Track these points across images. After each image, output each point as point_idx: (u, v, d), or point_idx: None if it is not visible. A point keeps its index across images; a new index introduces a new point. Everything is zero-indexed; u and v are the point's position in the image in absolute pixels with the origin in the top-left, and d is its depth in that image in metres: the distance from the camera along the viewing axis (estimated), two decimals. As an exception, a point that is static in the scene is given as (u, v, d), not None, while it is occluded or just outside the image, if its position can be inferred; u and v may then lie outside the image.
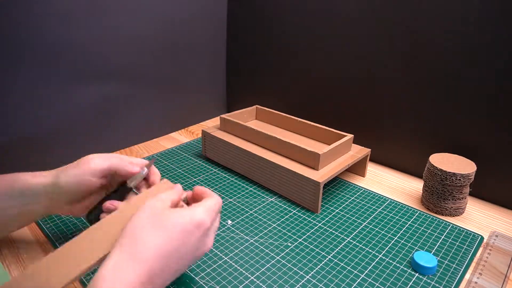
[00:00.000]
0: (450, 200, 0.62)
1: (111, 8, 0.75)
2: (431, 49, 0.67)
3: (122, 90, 0.82)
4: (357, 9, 0.74)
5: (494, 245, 0.56)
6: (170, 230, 0.36)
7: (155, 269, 0.34)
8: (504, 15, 0.58)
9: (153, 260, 0.34)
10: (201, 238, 0.39)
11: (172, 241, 0.36)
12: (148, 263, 0.34)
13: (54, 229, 0.58)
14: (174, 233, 0.36)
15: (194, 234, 0.38)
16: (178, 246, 0.36)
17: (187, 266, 0.39)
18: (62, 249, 0.36)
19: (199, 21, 0.93)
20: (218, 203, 0.43)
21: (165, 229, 0.36)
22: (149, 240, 0.35)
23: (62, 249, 0.36)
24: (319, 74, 0.85)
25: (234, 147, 0.74)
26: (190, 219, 0.38)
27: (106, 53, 0.77)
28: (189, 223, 0.37)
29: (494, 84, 0.61)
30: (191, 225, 0.38)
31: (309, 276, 0.49)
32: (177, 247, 0.36)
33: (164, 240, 0.35)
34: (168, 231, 0.36)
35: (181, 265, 0.38)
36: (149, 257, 0.34)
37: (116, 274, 0.32)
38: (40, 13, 0.65)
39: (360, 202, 0.67)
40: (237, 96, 1.08)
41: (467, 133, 0.67)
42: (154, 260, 0.34)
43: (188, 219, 0.38)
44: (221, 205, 0.44)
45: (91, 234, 0.38)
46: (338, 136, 0.72)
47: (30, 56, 0.66)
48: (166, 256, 0.35)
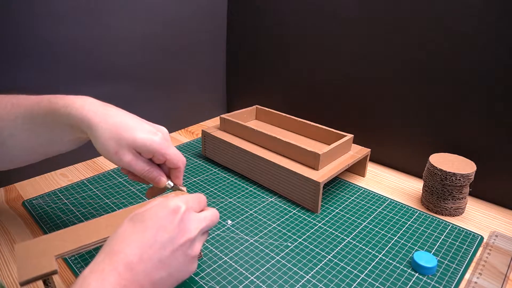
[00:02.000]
0: (450, 200, 0.62)
1: (111, 8, 0.75)
2: (431, 49, 0.67)
3: (122, 90, 0.82)
4: (357, 9, 0.74)
5: (494, 245, 0.56)
6: (146, 221, 0.37)
7: (132, 258, 0.34)
8: (505, 15, 0.58)
9: (129, 249, 0.35)
10: (179, 225, 0.38)
11: (147, 229, 0.37)
12: (122, 253, 0.34)
13: (54, 229, 0.58)
14: (149, 222, 0.37)
15: (170, 220, 0.38)
16: (155, 233, 0.36)
17: (172, 259, 0.37)
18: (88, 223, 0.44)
19: (199, 21, 0.93)
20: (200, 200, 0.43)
21: (141, 221, 0.37)
22: (126, 233, 0.36)
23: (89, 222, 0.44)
24: (319, 74, 0.85)
25: (234, 147, 0.74)
26: (163, 206, 0.39)
27: (106, 53, 0.77)
28: (163, 209, 0.38)
29: (494, 84, 0.61)
30: (166, 210, 0.38)
31: (309, 276, 0.49)
32: (154, 234, 0.36)
33: (140, 230, 0.36)
34: (144, 222, 0.37)
35: (164, 256, 0.36)
36: (124, 248, 0.35)
37: (93, 268, 0.33)
38: (40, 13, 0.65)
39: (360, 202, 0.67)
40: (237, 96, 1.08)
41: (467, 133, 0.67)
42: (130, 249, 0.35)
43: (161, 207, 0.39)
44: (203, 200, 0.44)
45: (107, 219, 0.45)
46: (338, 136, 0.72)
47: (29, 56, 0.66)
48: (142, 245, 0.35)
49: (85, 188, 0.69)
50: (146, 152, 0.46)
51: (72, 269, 0.50)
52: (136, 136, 0.45)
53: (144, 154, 0.46)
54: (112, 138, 0.44)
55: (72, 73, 0.73)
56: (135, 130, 0.45)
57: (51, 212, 0.62)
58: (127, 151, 0.45)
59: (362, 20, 0.74)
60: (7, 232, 0.57)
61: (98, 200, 0.65)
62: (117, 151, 0.44)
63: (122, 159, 0.45)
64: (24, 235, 0.57)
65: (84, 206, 0.64)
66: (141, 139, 0.45)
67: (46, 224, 0.59)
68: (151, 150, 0.46)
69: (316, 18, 0.81)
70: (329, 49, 0.81)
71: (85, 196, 0.67)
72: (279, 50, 0.91)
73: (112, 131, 0.44)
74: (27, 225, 0.59)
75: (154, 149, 0.46)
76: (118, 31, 0.77)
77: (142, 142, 0.45)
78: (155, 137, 0.46)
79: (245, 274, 0.50)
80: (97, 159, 0.81)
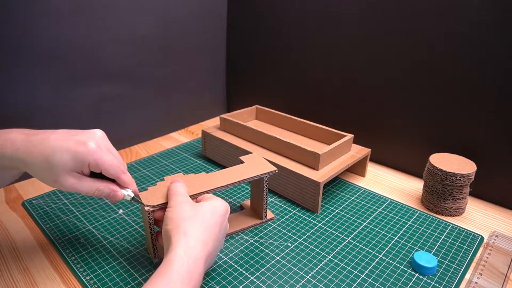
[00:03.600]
0: (450, 200, 0.62)
1: (111, 8, 0.75)
2: (431, 50, 0.66)
3: (122, 90, 0.82)
4: (358, 9, 0.74)
5: (494, 245, 0.56)
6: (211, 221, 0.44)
7: (211, 250, 0.43)
8: (505, 15, 0.58)
9: (211, 243, 0.43)
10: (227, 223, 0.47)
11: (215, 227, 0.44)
12: (208, 245, 0.42)
13: (54, 229, 0.58)
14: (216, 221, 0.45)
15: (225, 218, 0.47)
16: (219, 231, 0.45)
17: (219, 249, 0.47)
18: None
19: (199, 21, 0.93)
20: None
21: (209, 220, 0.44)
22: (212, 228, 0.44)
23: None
24: (319, 74, 0.85)
25: (234, 147, 0.74)
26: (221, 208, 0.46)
27: (106, 53, 0.77)
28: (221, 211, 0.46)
29: (494, 84, 0.61)
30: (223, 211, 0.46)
31: (309, 276, 0.49)
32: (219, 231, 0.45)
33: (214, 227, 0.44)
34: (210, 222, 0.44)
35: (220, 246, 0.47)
36: (208, 240, 0.42)
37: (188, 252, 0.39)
38: (39, 13, 0.65)
39: (360, 202, 0.67)
40: (237, 96, 1.08)
41: (467, 133, 0.67)
42: (211, 242, 0.43)
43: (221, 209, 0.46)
44: None
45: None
46: (338, 136, 0.72)
47: (29, 56, 0.66)
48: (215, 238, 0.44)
49: (85, 188, 0.69)
50: (82, 168, 0.42)
51: (72, 269, 0.50)
52: (64, 155, 0.41)
53: (83, 169, 0.42)
54: (44, 169, 0.41)
55: (72, 73, 0.73)
56: (61, 150, 0.41)
57: (51, 212, 0.62)
58: (65, 175, 0.41)
59: (362, 20, 0.74)
60: (7, 232, 0.57)
61: (98, 200, 0.65)
62: (55, 180, 0.41)
63: (64, 184, 0.42)
64: (24, 235, 0.57)
65: (84, 206, 0.64)
66: (70, 155, 0.41)
67: (46, 224, 0.59)
68: (84, 162, 0.41)
69: (316, 18, 0.81)
70: (329, 49, 0.81)
71: (85, 196, 0.67)
72: (279, 50, 0.91)
73: (40, 162, 0.41)
74: (27, 225, 0.59)
75: (86, 160, 0.41)
76: (118, 31, 0.77)
77: (71, 157, 0.41)
78: (83, 147, 0.41)
79: (245, 274, 0.50)
80: (97, 159, 0.81)
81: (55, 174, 0.41)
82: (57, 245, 0.54)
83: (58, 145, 0.41)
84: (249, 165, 0.58)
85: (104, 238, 0.56)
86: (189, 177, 0.53)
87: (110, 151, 0.44)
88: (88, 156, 0.41)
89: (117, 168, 0.44)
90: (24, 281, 0.48)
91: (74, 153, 0.41)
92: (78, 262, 0.51)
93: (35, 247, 0.54)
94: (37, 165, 0.41)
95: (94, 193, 0.43)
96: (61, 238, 0.56)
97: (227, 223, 0.48)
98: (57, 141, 0.41)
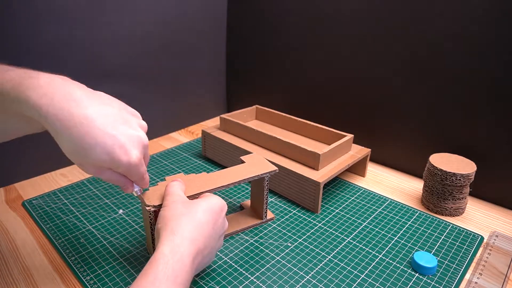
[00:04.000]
0: (450, 200, 0.62)
1: (111, 8, 0.74)
2: (431, 50, 0.66)
3: (122, 90, 0.82)
4: (357, 9, 0.74)
5: (494, 245, 0.56)
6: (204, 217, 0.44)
7: (200, 245, 0.42)
8: (505, 15, 0.58)
9: (201, 240, 0.42)
10: (223, 220, 0.47)
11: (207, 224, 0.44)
12: (197, 243, 0.41)
13: (54, 229, 0.58)
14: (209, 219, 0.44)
15: (221, 216, 0.46)
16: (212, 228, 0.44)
17: (216, 247, 0.46)
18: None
19: (199, 21, 0.93)
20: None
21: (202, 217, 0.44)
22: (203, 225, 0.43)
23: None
24: (319, 74, 0.85)
25: (234, 147, 0.74)
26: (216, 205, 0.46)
27: (106, 53, 0.77)
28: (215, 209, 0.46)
29: (494, 84, 0.61)
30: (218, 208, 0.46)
31: (309, 276, 0.49)
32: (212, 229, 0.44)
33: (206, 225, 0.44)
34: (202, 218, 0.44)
35: (216, 244, 0.46)
36: (199, 238, 0.42)
37: (174, 250, 0.39)
38: (39, 13, 0.65)
39: (360, 202, 0.67)
40: (237, 96, 1.08)
41: (467, 133, 0.67)
42: (202, 240, 0.42)
43: (215, 207, 0.46)
44: None
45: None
46: (338, 136, 0.72)
47: (29, 55, 0.66)
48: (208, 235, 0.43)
49: (85, 188, 0.69)
50: (111, 167, 0.41)
51: (72, 269, 0.50)
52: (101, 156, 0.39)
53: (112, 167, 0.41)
54: (75, 151, 0.38)
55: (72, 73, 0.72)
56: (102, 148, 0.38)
57: (51, 212, 0.62)
58: (91, 166, 0.40)
59: (362, 20, 0.74)
60: (7, 232, 0.57)
61: (98, 200, 0.65)
62: (81, 163, 0.40)
63: (87, 170, 0.41)
64: (24, 235, 0.57)
65: (84, 206, 0.64)
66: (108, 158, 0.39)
67: (46, 224, 0.59)
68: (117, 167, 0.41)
69: (316, 18, 0.81)
70: (329, 49, 0.81)
71: (85, 196, 0.67)
72: (279, 50, 0.91)
73: (74, 143, 0.38)
74: (27, 225, 0.59)
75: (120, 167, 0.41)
76: (118, 31, 0.77)
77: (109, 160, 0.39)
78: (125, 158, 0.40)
79: (245, 274, 0.50)
80: (97, 159, 0.81)
81: (83, 160, 0.39)
82: (57, 245, 0.54)
83: (101, 140, 0.38)
84: (250, 165, 0.58)
85: (104, 238, 0.56)
86: (190, 177, 0.53)
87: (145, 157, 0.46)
88: (125, 166, 0.41)
89: (141, 180, 0.45)
90: (24, 281, 0.48)
91: (113, 159, 0.39)
92: (78, 262, 0.51)
93: (35, 247, 0.54)
94: (71, 145, 0.38)
95: (111, 181, 0.43)
96: (61, 238, 0.56)
97: (225, 221, 0.47)
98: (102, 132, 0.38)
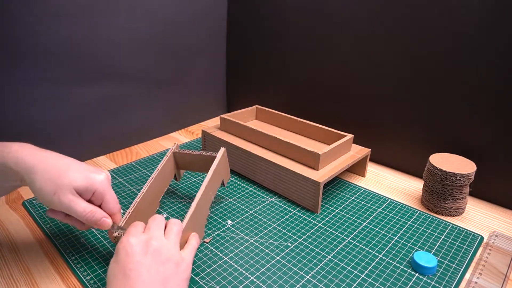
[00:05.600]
0: (450, 200, 0.62)
1: (111, 9, 0.75)
2: (431, 50, 0.67)
3: (122, 90, 0.82)
4: (357, 9, 0.74)
5: (494, 245, 0.56)
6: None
7: None
8: (505, 15, 0.58)
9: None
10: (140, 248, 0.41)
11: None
12: None
13: (54, 229, 0.58)
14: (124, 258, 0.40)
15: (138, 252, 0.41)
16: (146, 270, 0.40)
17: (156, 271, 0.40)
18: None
19: (199, 21, 0.93)
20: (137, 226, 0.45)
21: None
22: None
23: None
24: (319, 74, 0.85)
25: (234, 147, 0.74)
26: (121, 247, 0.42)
27: (106, 53, 0.77)
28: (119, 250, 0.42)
29: (494, 85, 0.61)
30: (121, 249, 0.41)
31: (309, 276, 0.49)
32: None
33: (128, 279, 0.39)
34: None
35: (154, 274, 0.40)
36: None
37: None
38: (39, 13, 0.65)
39: (360, 202, 0.67)
40: (237, 96, 1.08)
41: (467, 133, 0.67)
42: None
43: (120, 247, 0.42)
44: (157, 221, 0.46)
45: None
46: (338, 136, 0.72)
47: (29, 56, 0.66)
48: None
49: (85, 188, 0.69)
50: (86, 192, 0.45)
51: (72, 269, 0.50)
52: (77, 174, 0.44)
53: (84, 194, 0.45)
54: (50, 179, 0.43)
55: (72, 73, 0.73)
56: (75, 169, 0.45)
57: (51, 212, 0.62)
58: (67, 191, 0.43)
59: (362, 20, 0.74)
60: (7, 232, 0.57)
61: (98, 200, 0.65)
62: (56, 192, 0.43)
63: (62, 199, 0.43)
64: (25, 235, 0.57)
65: (84, 206, 0.64)
66: (84, 176, 0.44)
67: (46, 224, 0.59)
68: (93, 188, 0.45)
69: (316, 18, 0.81)
70: (329, 49, 0.81)
71: (85, 196, 0.67)
72: (279, 50, 0.91)
73: (50, 172, 0.43)
74: (27, 225, 0.59)
75: (96, 187, 0.45)
76: (118, 31, 0.77)
77: (83, 179, 0.44)
78: (98, 175, 0.46)
79: (245, 274, 0.50)
80: (97, 159, 0.81)
81: (60, 186, 0.43)
82: (57, 245, 0.54)
83: (75, 164, 0.46)
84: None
85: (104, 238, 0.56)
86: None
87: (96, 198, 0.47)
88: (98, 184, 0.45)
89: (117, 205, 0.48)
90: (24, 281, 0.48)
91: (87, 177, 0.45)
92: (78, 262, 0.51)
93: (36, 247, 0.54)
94: (46, 174, 0.43)
95: (87, 215, 0.45)
96: (61, 238, 0.56)
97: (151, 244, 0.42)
98: (73, 161, 0.46)
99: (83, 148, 0.79)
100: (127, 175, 0.74)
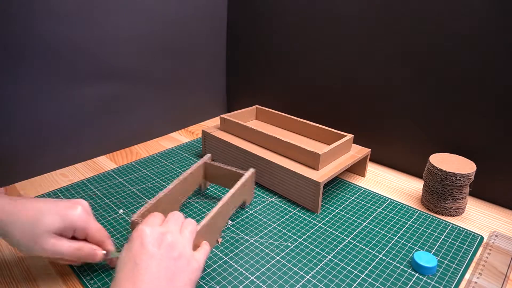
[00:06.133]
0: (450, 200, 0.62)
1: (111, 8, 0.74)
2: (431, 49, 0.67)
3: (122, 90, 0.82)
4: (357, 9, 0.74)
5: (494, 245, 0.56)
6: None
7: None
8: (505, 15, 0.58)
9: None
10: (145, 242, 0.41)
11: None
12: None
13: (54, 229, 0.58)
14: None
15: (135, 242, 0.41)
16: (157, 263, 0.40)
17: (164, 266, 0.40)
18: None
19: (199, 21, 0.93)
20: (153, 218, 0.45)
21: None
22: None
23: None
24: (319, 74, 0.85)
25: (234, 147, 0.74)
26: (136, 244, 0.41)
27: (106, 53, 0.77)
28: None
29: (494, 85, 0.61)
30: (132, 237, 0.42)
31: (309, 276, 0.49)
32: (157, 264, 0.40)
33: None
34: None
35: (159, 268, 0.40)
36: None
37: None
38: (40, 13, 0.65)
39: (360, 202, 0.67)
40: (237, 96, 1.08)
41: (467, 133, 0.67)
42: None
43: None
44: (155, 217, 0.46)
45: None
46: (338, 136, 0.72)
47: (29, 56, 0.66)
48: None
49: (85, 188, 0.69)
50: (67, 230, 0.43)
51: (72, 269, 0.50)
52: (51, 217, 0.42)
53: (66, 232, 0.43)
54: (26, 230, 0.41)
55: (72, 73, 0.73)
56: (48, 211, 0.43)
57: (51, 212, 0.62)
58: (47, 237, 0.42)
59: (362, 20, 0.74)
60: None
61: (98, 200, 0.65)
62: (36, 241, 0.41)
63: (45, 246, 0.42)
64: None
65: (84, 206, 0.64)
66: (59, 217, 0.43)
67: (46, 224, 0.59)
68: (72, 225, 0.43)
69: (316, 18, 0.81)
70: (329, 49, 0.81)
71: (85, 196, 0.67)
72: (279, 50, 0.91)
73: (24, 223, 0.41)
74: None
75: (75, 223, 0.43)
76: (118, 31, 0.77)
77: (59, 221, 0.42)
78: (73, 211, 0.44)
79: (245, 274, 0.50)
80: (97, 159, 0.81)
81: (38, 234, 0.41)
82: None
83: (47, 207, 0.43)
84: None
85: (104, 238, 0.56)
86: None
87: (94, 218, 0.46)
88: (76, 220, 0.44)
89: (103, 232, 0.46)
90: (25, 281, 0.48)
91: (63, 216, 0.43)
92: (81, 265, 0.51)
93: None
94: (20, 226, 0.41)
95: (75, 253, 0.44)
96: (61, 238, 0.56)
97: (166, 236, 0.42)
98: (46, 204, 0.43)
99: (83, 148, 0.79)
100: (127, 175, 0.74)
